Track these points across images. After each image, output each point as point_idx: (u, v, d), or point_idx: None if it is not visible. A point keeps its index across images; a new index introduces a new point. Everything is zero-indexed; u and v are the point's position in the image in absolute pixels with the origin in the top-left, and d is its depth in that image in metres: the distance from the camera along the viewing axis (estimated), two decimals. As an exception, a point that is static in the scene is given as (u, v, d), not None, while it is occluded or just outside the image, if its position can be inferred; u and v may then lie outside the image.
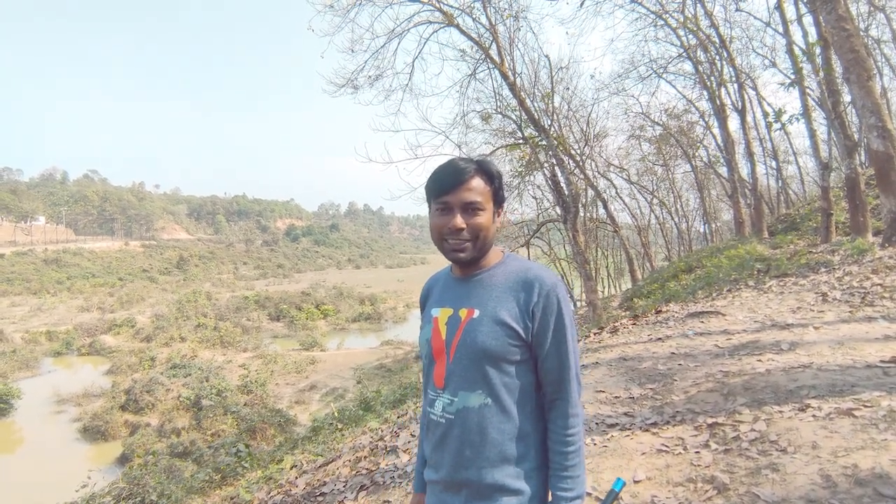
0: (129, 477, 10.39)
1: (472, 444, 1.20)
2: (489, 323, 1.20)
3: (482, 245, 1.25)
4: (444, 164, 1.27)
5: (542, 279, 1.21)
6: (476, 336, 1.21)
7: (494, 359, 1.19)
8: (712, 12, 13.78)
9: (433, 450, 1.29)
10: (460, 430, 1.21)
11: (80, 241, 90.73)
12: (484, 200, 1.23)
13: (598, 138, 21.07)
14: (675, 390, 3.50)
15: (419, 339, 1.36)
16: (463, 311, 1.25)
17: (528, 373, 1.22)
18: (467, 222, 1.22)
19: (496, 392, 1.20)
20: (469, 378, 1.21)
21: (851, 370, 3.18)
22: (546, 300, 1.19)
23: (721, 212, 31.02)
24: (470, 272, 1.29)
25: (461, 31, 10.98)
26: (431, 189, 1.26)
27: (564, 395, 1.21)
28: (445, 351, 1.25)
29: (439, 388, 1.27)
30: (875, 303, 4.67)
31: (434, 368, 1.28)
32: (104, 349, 36.58)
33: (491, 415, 1.19)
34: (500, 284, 1.25)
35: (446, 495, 1.25)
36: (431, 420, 1.29)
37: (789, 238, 11.58)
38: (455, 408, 1.22)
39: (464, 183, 1.22)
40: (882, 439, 2.25)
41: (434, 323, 1.30)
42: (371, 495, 3.42)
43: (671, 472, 2.49)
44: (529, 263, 1.28)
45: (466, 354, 1.21)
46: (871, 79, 6.98)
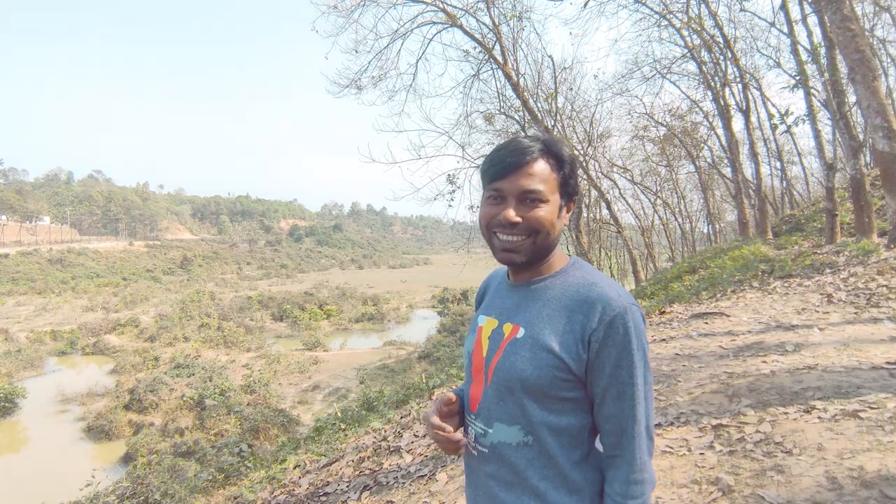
0: (132, 476, 10.46)
1: (508, 488, 1.00)
2: (532, 347, 0.98)
3: (541, 245, 1.01)
4: (505, 142, 1.05)
5: (607, 300, 0.95)
6: (515, 361, 0.99)
7: (535, 392, 0.97)
8: (716, 12, 13.75)
9: (468, 485, 1.12)
10: (495, 469, 1.02)
11: (85, 242, 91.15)
12: (547, 190, 1.00)
13: (602, 139, 21.05)
14: (680, 391, 3.49)
15: (464, 348, 1.16)
16: (508, 327, 1.04)
17: (580, 413, 0.99)
18: (523, 216, 0.99)
19: (537, 431, 0.98)
20: (506, 409, 1.00)
21: (857, 372, 3.17)
22: (608, 329, 0.93)
23: (725, 212, 30.92)
24: (525, 278, 1.07)
25: (465, 31, 10.99)
26: (485, 172, 1.04)
27: (626, 454, 0.95)
28: (484, 371, 1.05)
29: (472, 412, 1.08)
30: (881, 304, 4.64)
31: (471, 388, 1.09)
32: (108, 349, 36.77)
33: (532, 457, 0.98)
34: (554, 299, 1.00)
35: None
36: (466, 449, 1.10)
37: (794, 239, 11.53)
38: (489, 441, 1.03)
39: (523, 167, 0.99)
40: (888, 441, 2.24)
41: (478, 334, 1.10)
42: (374, 495, 3.42)
43: (675, 473, 2.48)
44: (598, 277, 1.01)
45: (503, 380, 1.01)
46: (877, 79, 6.94)
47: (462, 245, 15.10)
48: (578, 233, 12.57)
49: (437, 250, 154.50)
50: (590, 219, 21.63)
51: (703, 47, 14.78)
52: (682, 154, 23.49)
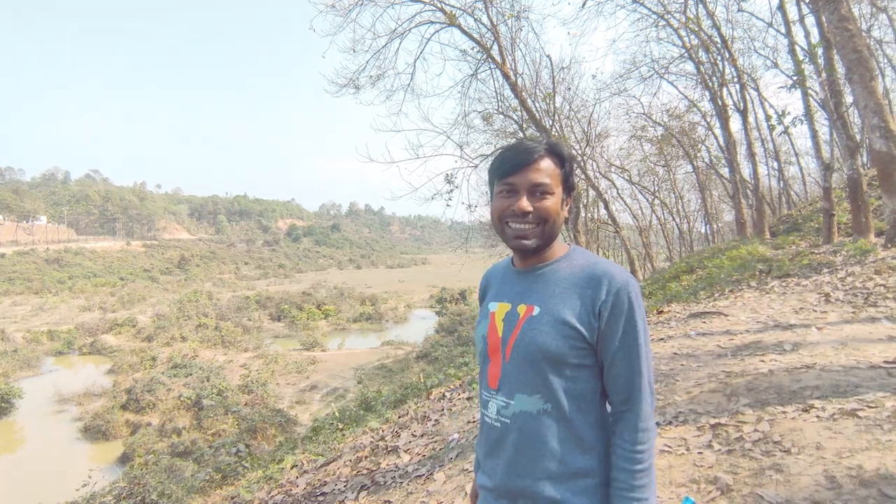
0: (129, 476, 10.42)
1: (528, 453, 1.10)
2: (550, 321, 1.10)
3: (549, 233, 1.15)
4: (512, 143, 1.19)
5: (611, 275, 1.09)
6: (535, 336, 1.10)
7: (555, 361, 1.09)
8: (714, 12, 13.76)
9: (486, 455, 1.20)
10: (517, 437, 1.12)
11: (82, 241, 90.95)
12: (553, 183, 1.13)
13: (600, 139, 21.04)
14: (678, 391, 3.49)
15: (475, 335, 1.27)
16: (522, 308, 1.16)
17: (592, 379, 1.11)
18: (534, 205, 1.12)
19: (557, 397, 1.09)
20: (527, 381, 1.11)
21: (855, 371, 3.17)
22: (616, 299, 1.07)
23: (723, 212, 30.97)
24: (532, 264, 1.19)
25: (463, 31, 10.97)
26: (496, 170, 1.17)
27: (634, 407, 1.07)
28: (501, 350, 1.16)
29: (493, 388, 1.17)
30: (878, 304, 4.65)
31: (489, 367, 1.19)
32: (105, 349, 36.68)
33: (551, 422, 1.09)
34: (564, 280, 1.14)
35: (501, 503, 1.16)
36: (485, 423, 1.20)
37: (791, 239, 11.54)
38: (511, 412, 1.13)
39: (532, 163, 1.13)
40: (887, 440, 2.24)
41: (491, 318, 1.20)
42: (372, 495, 3.41)
43: (674, 472, 2.47)
44: (597, 258, 1.16)
45: (524, 355, 1.11)
46: (874, 79, 6.95)
47: (460, 245, 15.09)
48: (576, 232, 12.57)
49: (436, 250, 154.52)
50: (588, 219, 21.65)
51: (701, 47, 14.79)
52: (679, 154, 23.51)
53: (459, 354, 22.24)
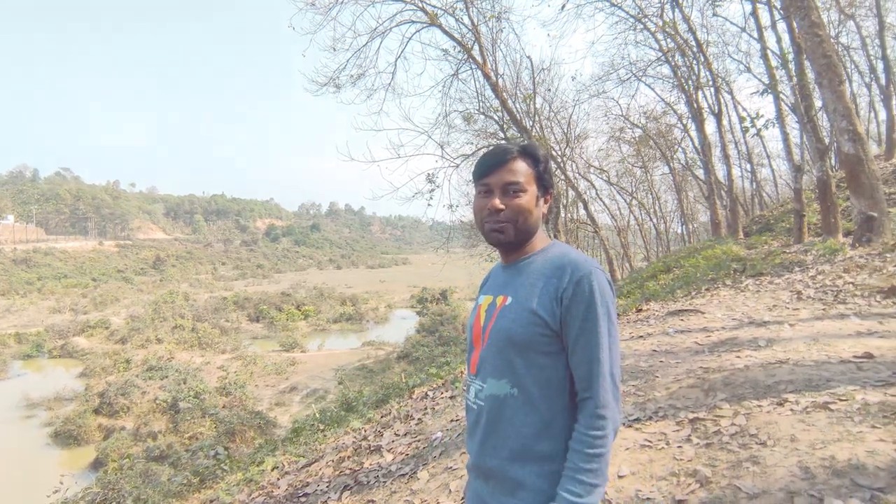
0: (103, 482, 10.15)
1: (497, 434, 1.17)
2: (518, 310, 1.17)
3: (523, 228, 1.21)
4: (491, 147, 1.29)
5: (575, 264, 1.14)
6: (504, 323, 1.18)
7: (521, 347, 1.14)
8: (690, 17, 14.06)
9: (467, 436, 1.29)
10: (487, 419, 1.19)
11: (52, 241, 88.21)
12: (526, 182, 1.20)
13: (579, 140, 21.28)
14: (657, 387, 3.55)
15: (467, 325, 1.36)
16: (499, 299, 1.23)
17: (560, 366, 1.15)
18: (507, 203, 1.19)
19: (522, 382, 1.15)
20: (497, 366, 1.18)
21: (826, 365, 3.27)
22: (576, 287, 1.11)
23: (698, 213, 31.62)
24: (513, 259, 1.27)
25: (444, 31, 10.99)
26: (475, 172, 1.25)
27: (593, 393, 1.10)
28: (481, 337, 1.24)
29: (472, 374, 1.27)
30: (847, 300, 4.81)
31: (472, 355, 1.28)
32: (77, 351, 35.67)
33: (517, 406, 1.15)
34: (535, 271, 1.20)
35: (477, 483, 1.25)
36: (467, 405, 1.29)
37: (764, 239, 11.85)
38: (484, 395, 1.21)
39: (505, 164, 1.20)
40: (858, 431, 2.32)
41: (477, 310, 1.30)
42: (355, 495, 3.39)
43: (654, 466, 2.52)
44: (569, 250, 1.21)
45: (496, 341, 1.19)
46: (843, 83, 7.19)
47: (441, 245, 15.11)
48: (557, 232, 12.69)
49: (416, 250, 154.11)
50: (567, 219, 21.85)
51: (677, 51, 15.09)
52: (656, 156, 23.94)
53: (441, 354, 22.27)
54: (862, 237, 6.82)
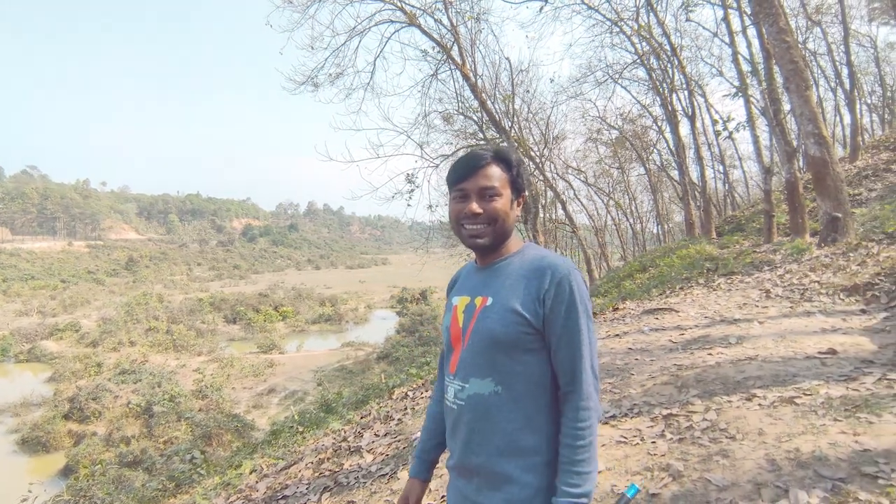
0: (74, 489, 9.91)
1: (481, 432, 1.20)
2: (500, 310, 1.19)
3: (500, 231, 1.25)
4: (464, 154, 1.29)
5: (555, 266, 1.18)
6: (487, 323, 1.20)
7: (505, 346, 1.18)
8: (664, 21, 14.33)
9: (448, 436, 1.31)
10: (470, 417, 1.21)
11: (18, 241, 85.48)
12: (500, 186, 1.24)
13: (557, 141, 21.50)
14: (633, 384, 3.63)
15: (441, 327, 1.38)
16: (479, 300, 1.25)
17: (542, 363, 1.19)
18: (484, 207, 1.22)
19: (507, 381, 1.18)
20: (480, 365, 1.21)
21: (793, 361, 3.39)
22: (557, 288, 1.16)
23: (673, 213, 32.23)
24: (489, 261, 1.30)
25: (423, 31, 10.99)
26: (450, 178, 1.28)
27: (577, 387, 1.15)
28: (462, 338, 1.26)
29: (452, 374, 1.28)
30: (813, 299, 4.98)
31: (451, 356, 1.29)
32: (45, 355, 34.64)
33: (501, 403, 1.18)
34: (514, 272, 1.23)
35: (460, 482, 1.27)
36: (446, 406, 1.30)
37: (735, 238, 12.16)
38: (466, 394, 1.22)
39: (480, 169, 1.24)
40: (821, 424, 2.42)
41: (453, 311, 1.31)
42: (335, 496, 3.39)
43: (629, 461, 2.58)
44: (546, 252, 1.26)
45: (478, 341, 1.21)
46: (809, 88, 7.43)
47: (421, 245, 15.10)
48: (535, 232, 12.80)
49: (396, 250, 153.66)
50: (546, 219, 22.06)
51: (652, 54, 15.37)
52: (633, 157, 24.34)
53: (421, 354, 22.25)
54: (827, 237, 7.06)
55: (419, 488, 1.42)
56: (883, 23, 19.54)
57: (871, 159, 13.59)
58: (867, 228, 7.10)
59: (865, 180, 11.77)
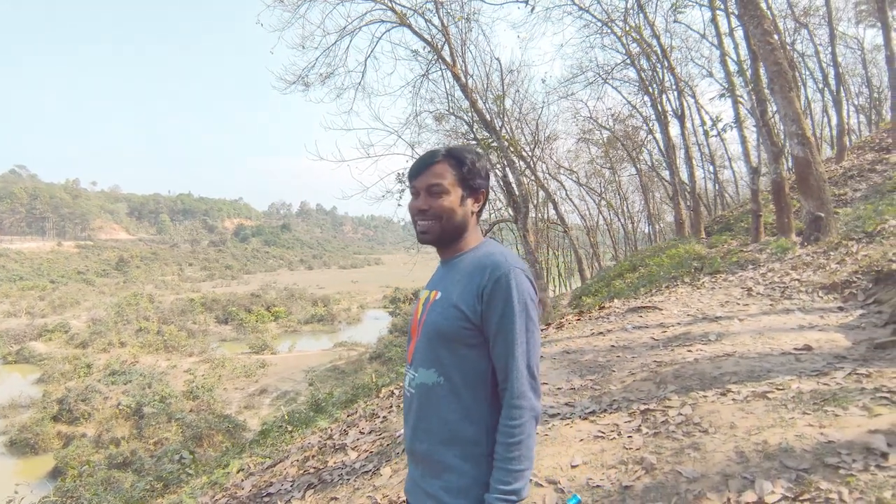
0: (61, 490, 9.84)
1: (425, 419, 1.25)
2: (444, 304, 1.24)
3: (447, 227, 1.28)
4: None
5: (496, 264, 1.20)
6: (432, 317, 1.25)
7: (446, 339, 1.22)
8: (654, 22, 14.46)
9: (403, 421, 1.36)
10: (417, 405, 1.27)
11: (6, 242, 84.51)
12: (448, 184, 1.27)
13: (549, 141, 21.65)
14: (613, 380, 3.69)
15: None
16: (433, 294, 1.31)
17: (482, 358, 1.22)
18: (430, 204, 1.26)
19: (448, 372, 1.22)
20: (426, 356, 1.26)
21: (769, 357, 3.46)
22: (495, 284, 1.17)
23: (664, 213, 32.47)
24: (447, 256, 1.34)
25: (413, 31, 11.02)
26: (408, 175, 1.33)
27: (510, 385, 1.17)
28: (417, 329, 1.31)
29: (409, 363, 1.34)
30: (793, 296, 5.06)
31: (409, 345, 1.36)
32: (34, 356, 34.30)
33: (443, 393, 1.22)
34: (463, 269, 1.27)
35: (411, 466, 1.33)
36: (404, 393, 1.36)
37: (724, 238, 12.28)
38: (416, 383, 1.28)
39: (430, 167, 1.28)
40: (790, 418, 2.47)
41: (418, 304, 1.37)
42: (318, 493, 3.41)
43: (606, 456, 2.63)
44: (495, 248, 1.28)
45: (425, 333, 1.26)
46: (793, 90, 7.53)
47: (413, 244, 15.13)
48: (526, 232, 12.85)
49: (389, 250, 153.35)
50: (538, 219, 22.17)
51: (642, 55, 15.50)
52: (624, 157, 24.50)
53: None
54: (810, 236, 7.16)
55: None
56: (870, 25, 19.81)
57: (856, 160, 13.77)
58: (849, 228, 7.20)
59: (851, 180, 11.93)
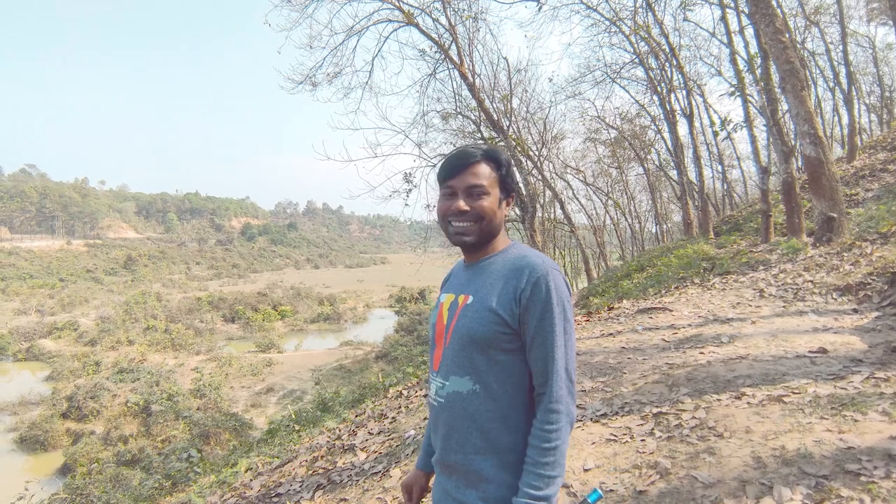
0: (71, 487, 9.92)
1: (459, 429, 1.20)
2: (479, 309, 1.20)
3: (486, 229, 1.25)
4: (454, 150, 1.30)
5: (533, 266, 1.18)
6: (466, 322, 1.21)
7: (482, 345, 1.18)
8: (662, 21, 14.35)
9: (431, 432, 1.32)
10: (449, 415, 1.22)
11: (17, 240, 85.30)
12: (489, 185, 1.24)
13: (556, 140, 21.51)
14: (625, 382, 3.65)
15: (429, 323, 1.38)
16: (461, 298, 1.26)
17: (519, 363, 1.19)
18: (471, 205, 1.23)
19: (485, 379, 1.18)
20: (459, 363, 1.21)
21: (783, 360, 3.41)
22: (534, 287, 1.15)
23: (672, 213, 32.25)
24: (475, 259, 1.30)
25: (421, 30, 10.99)
26: (439, 174, 1.28)
27: (548, 389, 1.14)
28: (444, 335, 1.27)
29: (435, 371, 1.29)
30: (806, 298, 5.00)
31: (434, 352, 1.31)
32: (43, 354, 34.63)
33: (479, 402, 1.18)
34: (496, 271, 1.23)
35: (442, 477, 1.28)
36: (429, 402, 1.31)
37: (733, 238, 12.18)
38: (446, 391, 1.23)
39: (468, 167, 1.24)
40: (807, 422, 2.43)
41: (440, 308, 1.32)
42: (328, 494, 3.41)
43: (618, 459, 2.60)
44: (528, 251, 1.25)
45: (458, 339, 1.22)
46: (805, 89, 7.45)
47: (419, 244, 15.11)
48: (533, 232, 12.79)
49: (395, 249, 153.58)
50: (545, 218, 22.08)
51: (651, 54, 15.39)
52: (631, 156, 24.35)
53: (419, 353, 22.26)
54: (822, 237, 7.08)
55: (423, 479, 1.44)
56: (881, 23, 19.57)
57: (868, 159, 13.62)
58: (862, 228, 7.12)
59: (862, 180, 11.80)
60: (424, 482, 1.44)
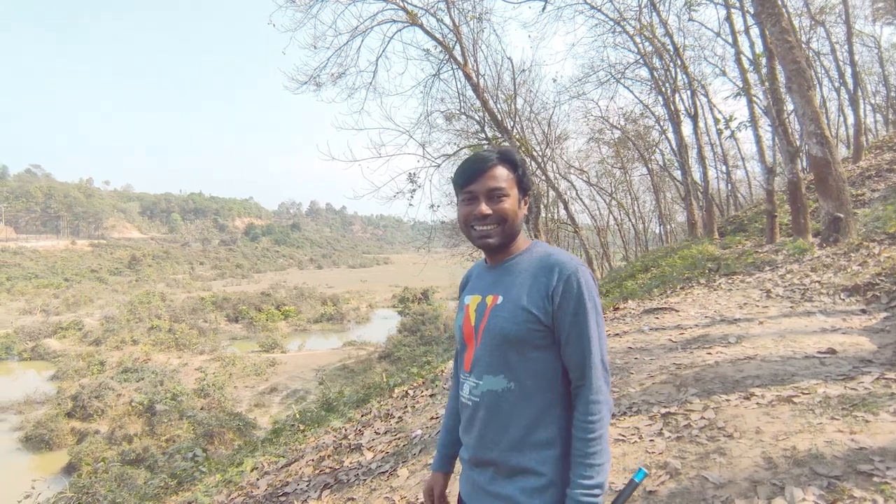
0: (77, 486, 9.96)
1: (495, 427, 1.23)
2: (511, 308, 1.22)
3: (509, 231, 1.28)
4: (469, 156, 1.32)
5: (562, 263, 1.21)
6: (498, 321, 1.23)
7: (516, 343, 1.20)
8: (667, 21, 14.32)
9: (463, 431, 1.34)
10: (485, 413, 1.24)
11: (22, 240, 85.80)
12: (508, 187, 1.27)
13: (560, 140, 21.50)
14: (632, 383, 3.64)
15: (454, 326, 1.40)
16: (490, 298, 1.28)
17: (553, 359, 1.22)
18: (493, 208, 1.25)
19: (519, 377, 1.21)
20: (493, 362, 1.23)
21: (792, 361, 3.40)
22: (566, 284, 1.18)
23: (676, 213, 32.14)
24: (498, 260, 1.32)
25: (425, 31, 11.00)
26: (457, 181, 1.30)
27: (587, 381, 1.18)
28: (474, 336, 1.29)
29: (466, 371, 1.30)
30: (813, 298, 4.98)
31: (465, 353, 1.32)
32: (48, 353, 34.79)
33: (514, 399, 1.21)
34: (524, 270, 1.26)
35: (474, 472, 1.30)
36: (461, 402, 1.33)
37: (738, 239, 12.13)
38: (480, 391, 1.25)
39: (487, 171, 1.26)
40: (818, 423, 2.42)
41: (466, 310, 1.34)
42: (335, 493, 3.41)
43: (627, 459, 2.60)
44: (553, 249, 1.29)
45: (490, 339, 1.24)
46: (811, 89, 7.42)
47: (423, 244, 15.12)
48: (537, 232, 12.80)
49: (398, 250, 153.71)
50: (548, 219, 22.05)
51: (655, 54, 15.36)
52: (635, 157, 24.29)
53: (423, 354, 22.27)
54: (829, 237, 7.05)
55: (442, 481, 1.47)
56: (887, 23, 19.48)
57: (874, 159, 13.56)
58: (869, 229, 7.09)
59: (868, 180, 11.75)
60: (443, 484, 1.47)
